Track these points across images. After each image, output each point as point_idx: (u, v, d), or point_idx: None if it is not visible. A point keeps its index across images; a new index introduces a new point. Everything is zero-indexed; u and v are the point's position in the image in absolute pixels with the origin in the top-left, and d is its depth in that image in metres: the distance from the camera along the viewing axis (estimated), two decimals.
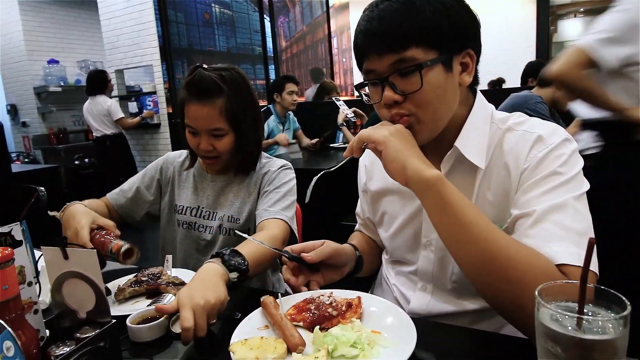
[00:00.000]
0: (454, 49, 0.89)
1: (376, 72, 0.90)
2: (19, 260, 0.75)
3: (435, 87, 0.87)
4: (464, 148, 0.94)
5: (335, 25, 8.89)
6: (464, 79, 0.93)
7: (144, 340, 0.91)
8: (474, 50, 0.92)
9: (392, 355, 0.76)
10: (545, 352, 0.55)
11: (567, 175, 0.85)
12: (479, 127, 0.96)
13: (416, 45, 0.85)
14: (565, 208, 0.81)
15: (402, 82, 0.88)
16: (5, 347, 0.58)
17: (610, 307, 0.54)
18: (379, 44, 0.87)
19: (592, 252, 0.54)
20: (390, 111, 0.91)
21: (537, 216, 0.81)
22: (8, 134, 6.80)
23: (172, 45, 5.59)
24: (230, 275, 0.99)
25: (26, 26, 6.58)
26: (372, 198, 1.19)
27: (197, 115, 1.32)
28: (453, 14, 0.87)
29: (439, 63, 0.87)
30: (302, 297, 0.97)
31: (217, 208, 1.48)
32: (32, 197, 2.57)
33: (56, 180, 3.88)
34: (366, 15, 0.90)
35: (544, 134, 0.90)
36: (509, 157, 0.92)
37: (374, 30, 0.87)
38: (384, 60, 0.88)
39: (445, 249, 1.01)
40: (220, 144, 1.35)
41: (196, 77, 1.31)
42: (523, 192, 0.87)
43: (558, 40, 7.73)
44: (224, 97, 1.31)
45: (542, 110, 2.62)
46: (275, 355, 0.75)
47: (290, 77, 4.12)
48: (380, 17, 0.86)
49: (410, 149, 0.85)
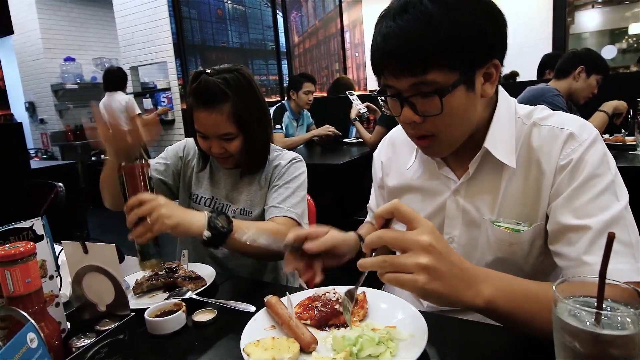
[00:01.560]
0: (477, 64, 0.84)
1: (395, 88, 0.86)
2: (40, 254, 0.76)
3: (456, 110, 0.84)
4: (494, 149, 0.92)
5: (348, 20, 8.85)
6: (486, 90, 0.87)
7: (162, 332, 0.93)
8: (499, 58, 0.86)
9: (410, 347, 0.77)
10: (563, 347, 0.54)
11: (607, 177, 0.84)
12: (505, 124, 0.93)
13: (437, 69, 0.80)
14: (619, 221, 0.81)
15: (422, 103, 0.84)
16: (29, 338, 0.60)
17: (630, 302, 0.53)
18: (397, 66, 0.82)
19: (612, 245, 0.54)
20: (410, 130, 0.91)
21: (594, 234, 0.80)
22: (27, 131, 6.93)
23: (185, 41, 5.62)
24: (205, 233, 1.10)
25: (43, 24, 6.69)
26: (390, 194, 1.18)
27: (206, 123, 1.32)
28: (477, 26, 0.80)
29: (461, 84, 0.82)
30: (307, 295, 0.98)
31: (231, 201, 1.49)
32: (52, 193, 2.61)
33: (74, 176, 3.96)
34: (383, 29, 0.83)
35: (575, 130, 0.88)
36: (540, 154, 0.90)
37: (392, 51, 0.82)
38: (402, 81, 0.83)
39: (468, 246, 1.01)
40: (231, 146, 1.36)
41: (201, 84, 1.31)
42: (568, 200, 0.85)
43: (575, 32, 7.59)
44: (230, 102, 1.31)
45: (559, 103, 2.58)
46: (290, 355, 0.76)
47: (309, 77, 4.09)
48: (398, 36, 0.80)
49: (449, 284, 0.68)
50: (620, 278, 0.72)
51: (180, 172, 1.56)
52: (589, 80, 2.73)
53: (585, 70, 2.71)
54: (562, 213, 0.85)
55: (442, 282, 0.66)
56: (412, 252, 0.66)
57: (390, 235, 0.69)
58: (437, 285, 0.66)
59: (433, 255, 0.66)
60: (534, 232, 0.92)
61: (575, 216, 0.83)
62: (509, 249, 0.95)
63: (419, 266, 0.65)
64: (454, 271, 0.68)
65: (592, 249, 0.80)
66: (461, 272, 0.69)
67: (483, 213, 0.97)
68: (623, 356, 0.50)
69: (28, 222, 0.85)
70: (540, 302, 0.72)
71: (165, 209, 1.05)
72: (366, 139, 3.72)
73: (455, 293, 0.68)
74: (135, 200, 1.04)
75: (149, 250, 1.07)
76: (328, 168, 3.33)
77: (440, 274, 0.66)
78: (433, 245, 0.66)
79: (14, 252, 0.68)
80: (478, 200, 0.97)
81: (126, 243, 1.10)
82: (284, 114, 4.00)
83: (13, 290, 0.69)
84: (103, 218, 5.79)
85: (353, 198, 1.27)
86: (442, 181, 1.03)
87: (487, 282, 0.71)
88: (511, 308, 0.72)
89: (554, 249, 0.88)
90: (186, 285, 1.13)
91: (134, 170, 1.06)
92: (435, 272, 0.66)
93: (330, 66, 8.58)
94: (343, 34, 8.69)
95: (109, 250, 0.83)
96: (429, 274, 0.65)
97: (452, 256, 0.69)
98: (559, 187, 0.87)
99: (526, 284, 0.77)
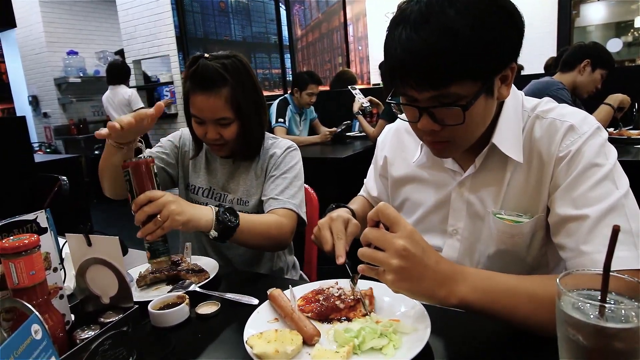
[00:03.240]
0: (497, 71, 0.83)
1: (413, 98, 0.84)
2: (44, 246, 0.77)
3: (475, 117, 0.84)
4: (501, 144, 0.92)
5: (351, 13, 8.79)
6: (502, 92, 0.87)
7: (165, 325, 0.93)
8: (515, 61, 0.85)
9: (414, 340, 0.77)
10: (566, 340, 0.54)
11: (606, 166, 0.83)
12: (512, 119, 0.93)
13: (460, 82, 0.78)
14: (618, 209, 0.80)
15: (441, 112, 0.83)
16: (34, 330, 0.60)
17: (635, 295, 0.53)
18: (418, 80, 0.80)
19: (616, 239, 0.53)
20: (425, 136, 0.90)
21: (593, 222, 0.80)
22: (30, 125, 6.96)
23: (188, 35, 5.61)
24: (211, 233, 1.13)
25: (45, 18, 6.68)
26: (394, 184, 1.17)
27: (203, 107, 1.32)
28: (501, 37, 0.78)
29: (482, 94, 0.81)
30: (311, 288, 0.98)
31: (227, 190, 1.49)
32: (55, 186, 2.62)
33: (77, 170, 3.96)
34: (404, 40, 0.78)
35: (575, 122, 0.88)
36: (541, 145, 0.90)
37: (415, 65, 0.78)
38: (423, 94, 0.81)
39: (472, 238, 1.01)
40: (227, 132, 1.36)
41: (199, 67, 1.31)
42: (566, 190, 0.85)
43: (580, 25, 7.53)
44: (228, 87, 1.31)
45: (563, 97, 2.57)
46: (293, 347, 0.76)
47: (316, 78, 4.05)
48: (421, 49, 0.76)
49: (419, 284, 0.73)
50: (621, 266, 0.74)
51: (177, 162, 1.56)
52: (593, 75, 2.71)
53: (590, 64, 2.69)
54: (561, 204, 0.86)
55: (410, 282, 0.73)
56: (387, 253, 0.73)
57: (373, 233, 0.75)
58: (405, 285, 0.73)
59: (405, 259, 0.71)
60: (534, 224, 0.93)
61: (574, 206, 0.84)
62: (510, 241, 0.96)
63: (390, 266, 0.72)
64: (426, 273, 0.73)
65: (590, 238, 0.80)
66: (434, 273, 0.74)
67: (487, 205, 0.97)
68: (626, 349, 0.50)
69: (32, 214, 0.85)
70: (518, 296, 0.76)
71: (175, 205, 1.05)
72: (369, 132, 3.71)
73: (425, 292, 0.74)
74: (144, 198, 1.03)
75: (158, 248, 1.08)
76: (331, 162, 3.32)
77: (409, 275, 0.72)
78: (407, 249, 0.71)
79: (18, 245, 0.68)
80: (483, 192, 0.97)
81: (130, 236, 1.10)
82: (287, 107, 3.99)
83: (17, 283, 0.69)
84: (107, 211, 5.82)
85: (356, 191, 1.27)
86: (448, 173, 1.03)
87: (462, 282, 0.75)
88: (487, 304, 0.75)
89: (557, 241, 0.88)
90: (189, 278, 1.13)
91: (140, 166, 1.06)
92: (404, 273, 0.72)
93: (333, 59, 8.55)
94: (346, 27, 8.64)
95: (113, 243, 0.84)
96: (398, 274, 0.72)
97: (426, 260, 0.73)
98: (558, 178, 0.87)
99: (505, 279, 0.78)
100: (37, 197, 2.86)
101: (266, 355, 0.74)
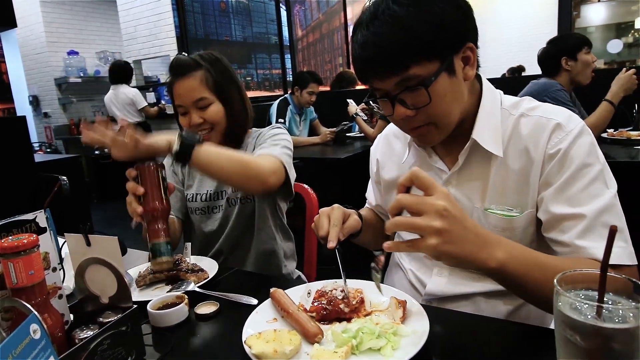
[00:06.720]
0: (453, 50, 0.88)
1: (382, 90, 0.91)
2: (43, 246, 0.77)
3: (443, 95, 0.88)
4: (481, 138, 0.95)
5: (352, 13, 8.79)
6: (467, 73, 0.92)
7: (164, 325, 0.93)
8: (473, 41, 0.91)
9: (412, 340, 0.77)
10: (564, 340, 0.54)
11: (596, 166, 0.88)
12: (490, 115, 0.97)
13: (416, 63, 0.85)
14: (610, 209, 0.85)
15: (410, 97, 0.88)
16: (32, 329, 0.60)
17: (632, 295, 0.53)
18: (379, 69, 0.88)
19: (614, 239, 0.54)
20: (405, 125, 0.95)
21: (589, 221, 0.84)
22: (31, 125, 6.96)
23: (188, 35, 5.60)
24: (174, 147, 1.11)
25: (46, 18, 6.69)
26: (386, 187, 1.20)
27: (181, 91, 1.40)
28: (445, 18, 0.85)
29: (442, 72, 0.86)
30: (315, 289, 0.97)
31: (222, 186, 1.50)
32: (55, 186, 2.62)
33: (77, 170, 3.96)
34: (359, 39, 0.88)
35: (562, 120, 0.92)
36: (529, 143, 0.93)
37: (371, 58, 0.87)
38: (387, 82, 0.88)
39: None
40: (208, 114, 1.40)
41: (175, 60, 1.43)
42: (560, 189, 0.88)
43: (581, 26, 7.53)
44: (203, 69, 1.40)
45: (562, 98, 2.54)
46: (292, 347, 0.76)
47: (317, 78, 4.07)
48: (374, 43, 0.85)
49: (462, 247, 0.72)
50: (615, 261, 0.79)
51: (180, 183, 1.58)
52: (580, 62, 2.63)
53: (568, 57, 2.64)
54: (556, 203, 0.89)
55: (454, 245, 0.70)
56: (427, 216, 0.70)
57: (408, 199, 0.72)
58: (449, 247, 0.70)
59: (447, 219, 0.69)
60: (526, 219, 0.95)
61: (569, 205, 0.87)
62: (501, 235, 0.96)
63: (433, 229, 0.69)
64: (468, 235, 0.71)
65: (587, 235, 0.84)
66: (475, 236, 0.73)
67: (474, 202, 1.00)
68: (624, 349, 0.51)
69: (31, 214, 0.85)
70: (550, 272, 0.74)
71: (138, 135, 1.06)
72: (368, 133, 3.71)
73: (468, 255, 0.72)
74: None
75: (161, 249, 1.08)
76: (331, 162, 3.32)
77: (453, 237, 0.70)
78: (448, 210, 0.69)
79: (17, 244, 0.68)
80: (468, 189, 1.00)
81: (129, 236, 1.10)
82: (287, 107, 3.99)
83: (16, 282, 0.69)
84: (106, 211, 5.83)
85: (356, 192, 1.27)
86: (435, 172, 1.05)
87: (500, 247, 0.75)
88: (521, 274, 0.76)
89: (549, 236, 0.91)
90: (189, 278, 1.13)
91: (147, 171, 1.08)
92: (448, 234, 0.69)
93: (333, 60, 8.55)
94: (347, 27, 8.64)
95: (112, 243, 0.84)
96: (442, 236, 0.69)
97: (466, 221, 0.72)
98: (549, 176, 0.90)
99: (536, 254, 0.81)
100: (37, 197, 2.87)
101: (265, 355, 0.74)
